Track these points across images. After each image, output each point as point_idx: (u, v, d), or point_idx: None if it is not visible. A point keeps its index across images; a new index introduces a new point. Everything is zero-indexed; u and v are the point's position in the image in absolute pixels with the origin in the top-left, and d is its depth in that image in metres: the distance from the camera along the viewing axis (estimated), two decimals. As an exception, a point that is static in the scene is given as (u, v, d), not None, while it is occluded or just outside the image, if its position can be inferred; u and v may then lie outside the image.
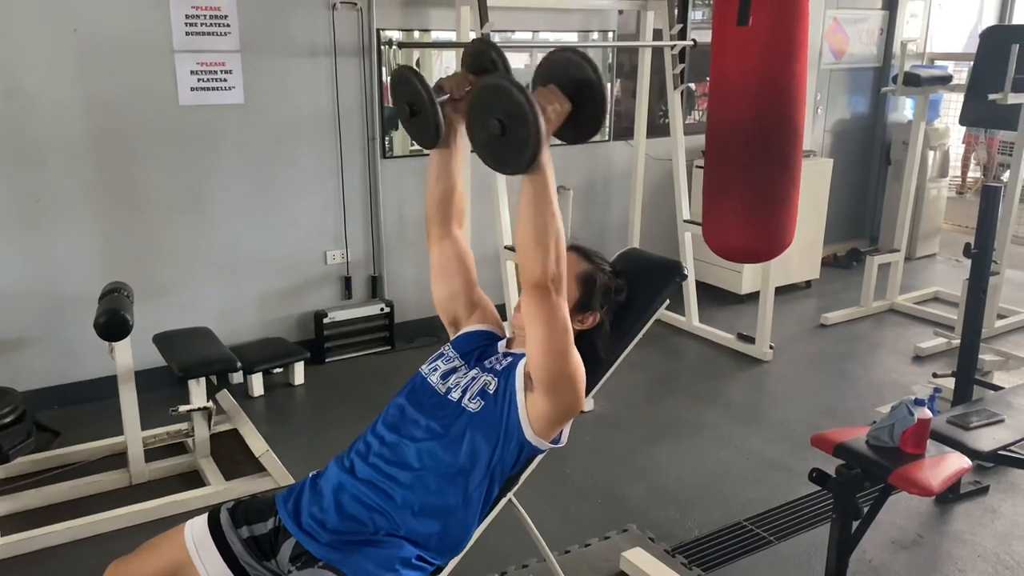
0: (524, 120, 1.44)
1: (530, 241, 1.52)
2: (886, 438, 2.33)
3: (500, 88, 1.47)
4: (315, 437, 3.61)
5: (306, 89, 4.11)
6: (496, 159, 1.53)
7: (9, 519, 2.89)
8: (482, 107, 1.50)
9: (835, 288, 5.68)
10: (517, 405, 1.68)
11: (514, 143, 1.47)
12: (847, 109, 6.33)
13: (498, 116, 1.46)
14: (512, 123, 1.45)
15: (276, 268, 4.25)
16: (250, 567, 1.68)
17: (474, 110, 1.52)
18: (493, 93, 1.49)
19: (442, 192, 1.88)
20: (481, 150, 1.54)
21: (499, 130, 1.46)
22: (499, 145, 1.49)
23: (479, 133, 1.51)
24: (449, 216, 1.90)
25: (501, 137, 1.47)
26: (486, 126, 1.48)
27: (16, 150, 3.51)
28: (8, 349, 3.63)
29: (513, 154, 1.48)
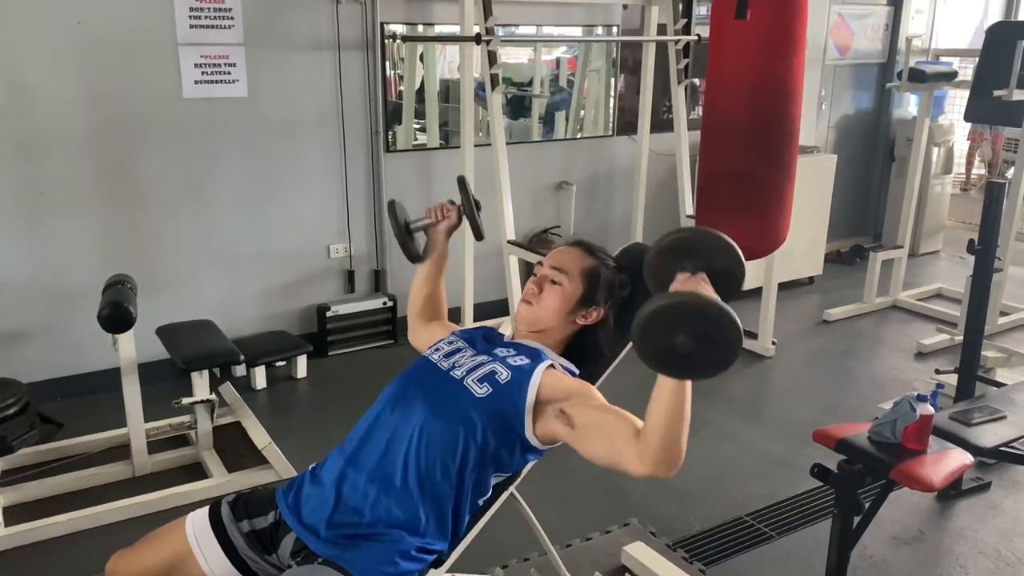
0: (727, 354, 1.39)
1: (661, 446, 1.50)
2: (888, 434, 2.33)
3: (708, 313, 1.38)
4: (317, 430, 3.62)
5: (310, 83, 4.11)
6: (666, 363, 1.43)
7: (13, 510, 2.90)
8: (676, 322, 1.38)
9: (838, 284, 5.67)
10: (525, 412, 1.66)
11: (701, 364, 1.40)
12: (851, 105, 6.32)
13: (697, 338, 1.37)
14: (712, 349, 1.38)
15: (279, 261, 4.25)
16: (251, 560, 1.68)
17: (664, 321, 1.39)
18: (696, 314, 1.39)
19: (425, 298, 2.09)
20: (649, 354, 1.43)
21: (694, 348, 1.37)
22: (678, 356, 1.40)
23: (658, 340, 1.39)
24: (431, 317, 2.10)
25: (690, 353, 1.38)
26: (671, 340, 1.38)
27: (19, 143, 3.52)
28: (12, 341, 3.64)
29: (690, 369, 1.42)
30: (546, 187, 5.02)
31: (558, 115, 5.12)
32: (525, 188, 4.82)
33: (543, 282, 1.88)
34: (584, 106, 5.21)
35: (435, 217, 2.04)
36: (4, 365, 3.46)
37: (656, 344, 1.40)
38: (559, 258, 1.91)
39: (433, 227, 2.06)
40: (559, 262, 1.89)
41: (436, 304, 2.11)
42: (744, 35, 2.78)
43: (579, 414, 1.63)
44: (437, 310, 2.11)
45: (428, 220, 2.05)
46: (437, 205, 2.05)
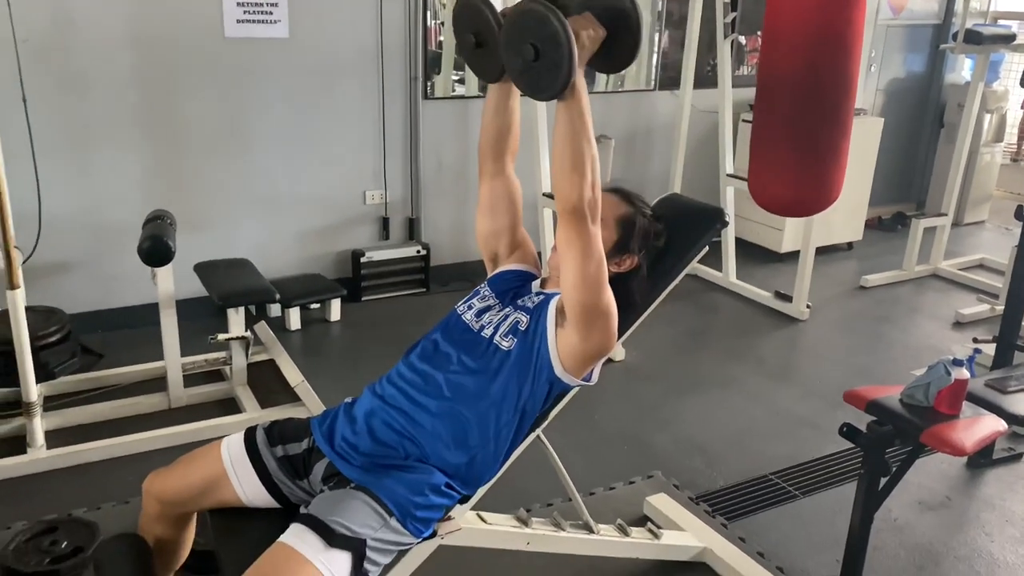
0: (557, 44, 1.44)
1: (566, 166, 1.51)
2: (921, 397, 2.30)
3: (533, 13, 1.47)
4: (349, 371, 3.68)
5: (350, 26, 4.09)
6: (531, 85, 1.53)
7: (54, 434, 2.99)
8: (517, 33, 1.50)
9: (877, 251, 5.58)
10: (548, 341, 1.68)
11: (548, 67, 1.47)
12: (902, 67, 6.14)
13: (532, 41, 1.46)
14: (546, 48, 1.46)
15: (316, 205, 4.28)
16: (283, 484, 1.73)
17: (509, 36, 1.52)
18: (527, 18, 1.49)
19: (499, 127, 1.86)
20: (517, 77, 1.55)
21: (533, 55, 1.47)
22: (534, 71, 1.49)
23: (514, 59, 1.51)
24: (504, 152, 1.89)
25: (535, 62, 1.48)
26: (521, 52, 1.48)
27: (64, 77, 3.55)
28: (56, 272, 3.72)
29: (548, 79, 1.48)
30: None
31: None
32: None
33: (575, 228, 1.87)
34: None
35: None
36: (49, 295, 3.54)
37: (514, 61, 1.51)
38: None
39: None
40: (593, 209, 1.88)
41: (512, 131, 1.88)
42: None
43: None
44: (512, 140, 1.89)
45: None
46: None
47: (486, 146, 1.88)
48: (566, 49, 1.43)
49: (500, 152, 1.88)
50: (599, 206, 1.56)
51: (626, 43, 1.60)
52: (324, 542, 1.47)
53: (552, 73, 1.47)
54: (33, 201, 3.31)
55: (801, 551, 2.59)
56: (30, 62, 3.35)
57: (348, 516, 1.52)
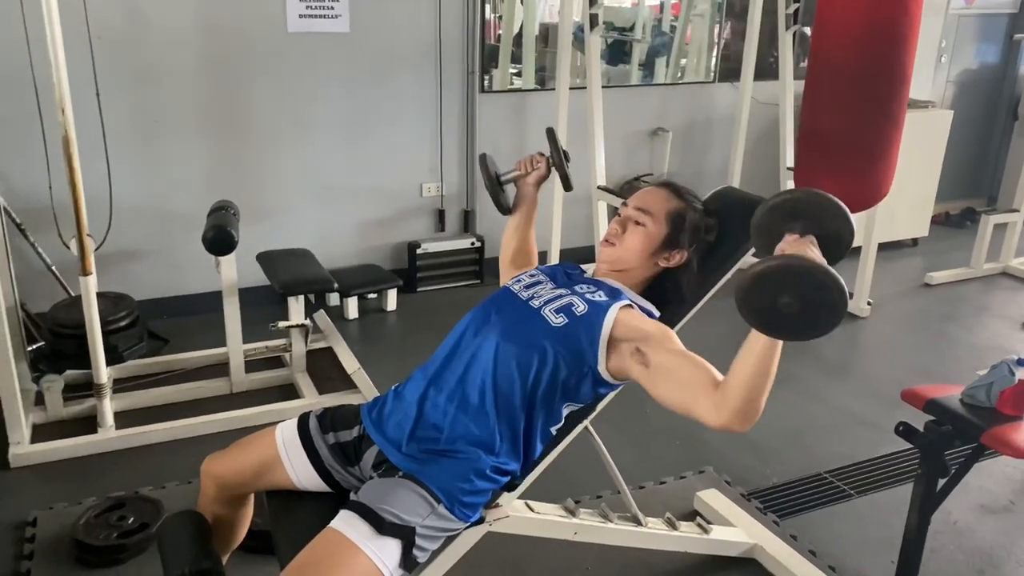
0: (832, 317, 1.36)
1: (741, 400, 1.49)
2: (982, 397, 2.24)
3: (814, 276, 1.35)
4: (403, 359, 3.73)
5: (409, 20, 4.14)
6: (767, 325, 1.42)
7: (123, 415, 3.12)
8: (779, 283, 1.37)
9: (944, 247, 5.43)
10: (599, 346, 1.68)
11: (799, 325, 1.39)
12: (974, 58, 5.95)
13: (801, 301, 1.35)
14: (816, 312, 1.36)
15: (374, 197, 4.35)
16: (334, 470, 1.77)
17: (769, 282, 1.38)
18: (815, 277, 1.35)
19: (516, 248, 2.15)
20: (755, 311, 1.41)
21: (798, 310, 1.36)
22: (781, 317, 1.38)
23: (765, 295, 1.38)
24: (520, 265, 2.13)
25: (795, 315, 1.37)
26: (781, 295, 1.36)
27: (136, 71, 3.68)
28: (126, 260, 3.86)
29: (790, 330, 1.40)
30: (641, 133, 4.94)
31: (658, 60, 5.00)
32: (619, 133, 4.76)
33: (627, 222, 1.87)
34: (687, 52, 5.07)
35: (524, 169, 2.08)
36: (119, 281, 3.68)
37: (759, 303, 1.39)
38: (644, 199, 1.90)
39: (523, 179, 2.10)
40: (644, 203, 1.89)
41: (527, 253, 2.15)
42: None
43: (655, 355, 1.64)
44: (528, 258, 2.15)
45: (517, 172, 2.09)
46: (527, 157, 2.08)
47: (506, 261, 2.16)
48: (838, 317, 1.36)
49: (519, 265, 2.12)
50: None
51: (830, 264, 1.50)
52: (374, 529, 1.51)
53: (797, 331, 1.39)
54: (105, 191, 3.44)
55: (855, 551, 2.55)
56: (104, 57, 3.48)
57: (397, 504, 1.55)
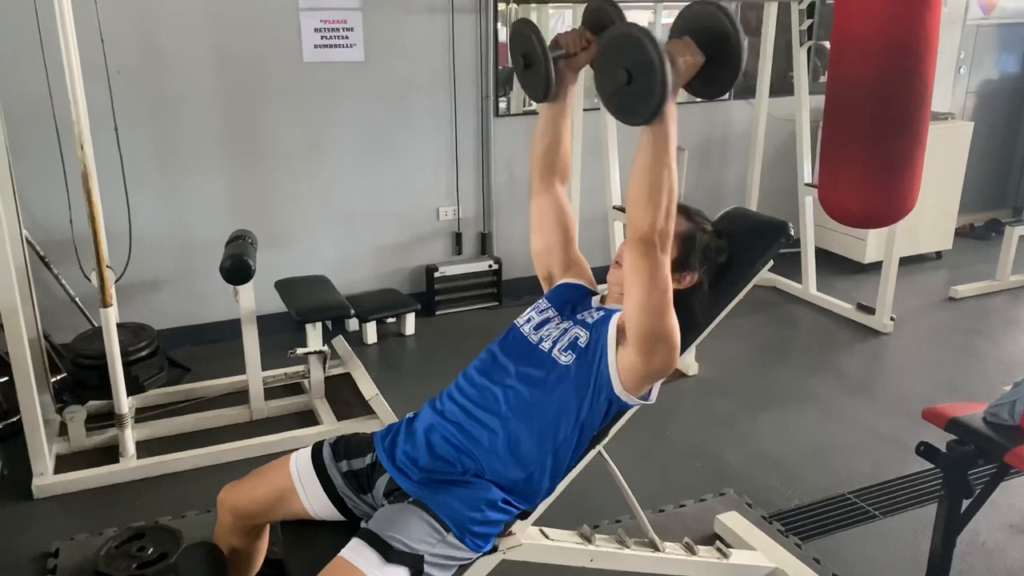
0: (651, 69, 1.40)
1: (642, 193, 1.49)
2: (1006, 415, 2.20)
3: (629, 37, 1.44)
4: (422, 384, 3.74)
5: (423, 47, 4.18)
6: (622, 109, 1.49)
7: (144, 444, 3.15)
8: (610, 56, 1.47)
9: (969, 260, 5.35)
10: (608, 359, 1.68)
11: (640, 93, 1.43)
12: (995, 69, 5.89)
13: (625, 65, 1.43)
14: (639, 72, 1.42)
15: (391, 222, 4.38)
16: (348, 498, 1.78)
17: (602, 59, 1.50)
18: (622, 42, 1.45)
19: (547, 146, 1.89)
20: (608, 100, 1.51)
21: (626, 79, 1.44)
22: (625, 95, 1.46)
23: (606, 83, 1.48)
24: (552, 171, 1.91)
25: (627, 87, 1.44)
26: (613, 75, 1.45)
27: (154, 103, 3.75)
28: (147, 290, 3.91)
29: (639, 104, 1.44)
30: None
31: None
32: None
33: (635, 244, 1.86)
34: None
35: (571, 47, 1.77)
36: (140, 311, 3.73)
37: (606, 86, 1.48)
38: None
39: (568, 59, 1.78)
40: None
41: (562, 154, 1.91)
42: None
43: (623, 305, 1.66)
44: (563, 162, 1.92)
45: (564, 51, 1.77)
46: (571, 33, 1.78)
47: (535, 163, 1.91)
48: (659, 76, 1.39)
49: (548, 170, 1.90)
50: (671, 236, 1.54)
51: (726, 69, 1.56)
52: (382, 557, 1.51)
53: (643, 99, 1.43)
54: (124, 223, 3.50)
55: (880, 573, 2.50)
56: (123, 91, 3.54)
57: (405, 532, 1.55)
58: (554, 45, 1.75)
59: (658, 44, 1.40)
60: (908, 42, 2.62)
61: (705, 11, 1.57)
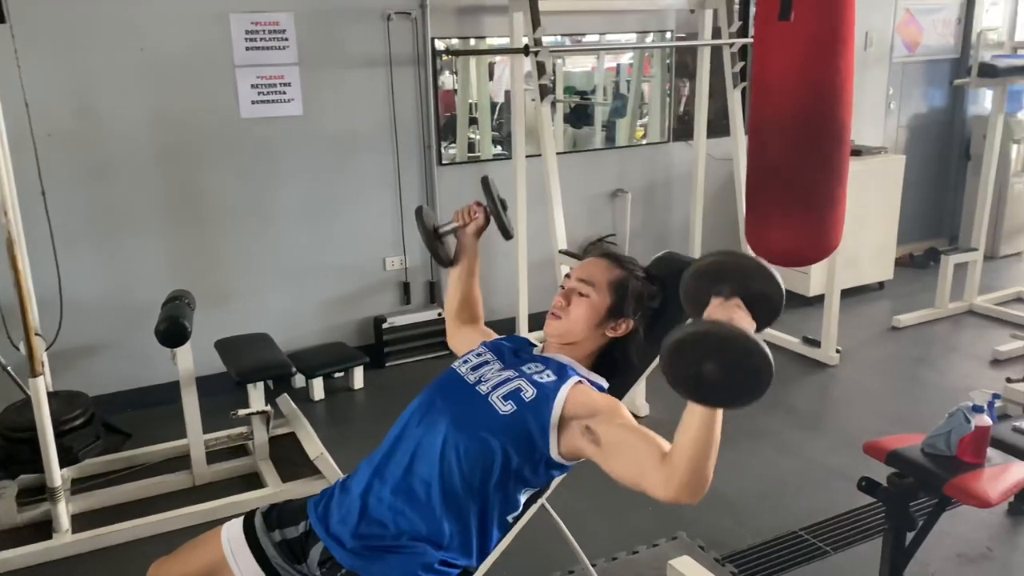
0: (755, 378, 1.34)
1: (687, 472, 1.43)
2: (942, 446, 2.24)
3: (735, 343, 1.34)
4: (372, 439, 3.59)
5: (363, 99, 4.20)
6: (695, 393, 1.39)
7: (82, 517, 3.04)
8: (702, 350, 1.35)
9: (910, 289, 5.47)
10: (550, 430, 1.65)
11: (727, 393, 1.37)
12: (923, 103, 6.09)
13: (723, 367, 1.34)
14: (738, 379, 1.35)
15: (336, 274, 4.34)
16: (282, 569, 1.72)
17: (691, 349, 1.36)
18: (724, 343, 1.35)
19: (460, 303, 2.11)
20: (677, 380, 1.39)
21: (719, 377, 1.34)
22: (704, 385, 1.37)
23: (685, 367, 1.36)
24: (467, 321, 2.12)
25: (715, 383, 1.35)
26: (699, 367, 1.35)
27: (89, 166, 3.69)
28: (84, 355, 3.81)
29: (720, 399, 1.38)
30: (602, 195, 4.99)
31: (620, 122, 5.09)
32: (581, 196, 4.81)
33: (571, 294, 1.86)
34: (645, 113, 5.17)
35: (462, 220, 2.07)
36: (75, 378, 3.62)
37: (683, 372, 1.37)
38: (586, 270, 1.90)
39: (461, 230, 2.08)
40: (586, 274, 1.88)
41: (471, 305, 2.12)
42: (788, 37, 2.71)
43: (605, 432, 1.61)
44: (472, 312, 2.12)
45: (455, 224, 2.07)
46: (463, 208, 2.07)
47: (451, 314, 2.13)
48: (762, 390, 1.34)
49: (463, 320, 2.11)
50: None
51: (760, 330, 1.53)
52: (314, 631, 1.46)
53: (732, 396, 1.36)
54: (54, 288, 3.40)
55: (833, 612, 2.49)
56: (54, 154, 3.48)
57: (338, 604, 1.51)
58: (455, 216, 2.06)
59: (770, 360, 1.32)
60: (823, 84, 2.70)
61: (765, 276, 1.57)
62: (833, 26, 2.63)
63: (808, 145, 2.63)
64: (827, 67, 2.59)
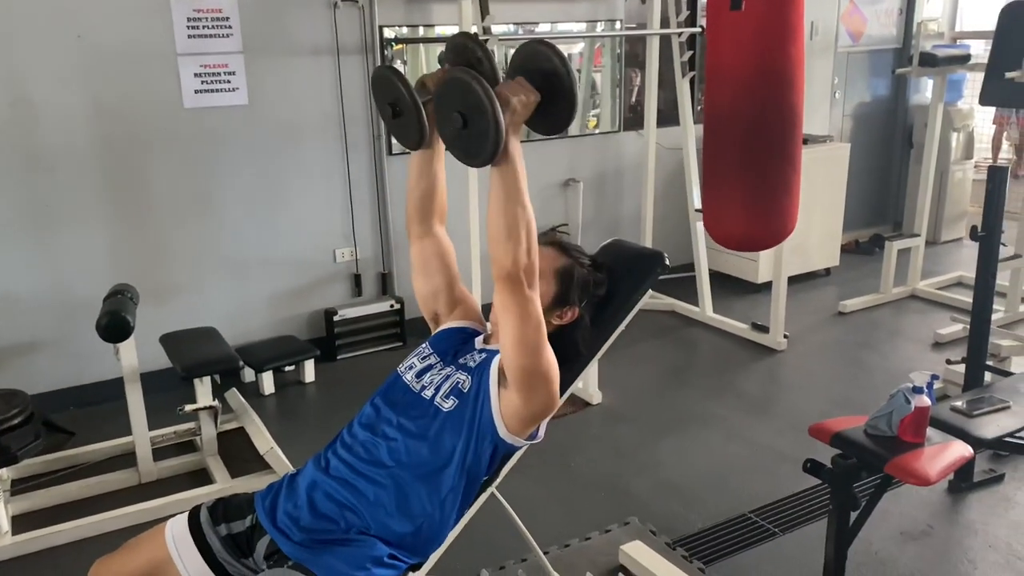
0: (483, 112, 1.45)
1: (500, 233, 1.51)
2: (884, 427, 2.28)
3: (459, 82, 1.49)
4: (324, 432, 3.57)
5: (310, 88, 4.13)
6: (463, 152, 1.55)
7: (22, 518, 2.95)
8: (445, 101, 1.53)
9: (856, 275, 5.58)
10: (491, 403, 1.65)
11: (477, 135, 1.49)
12: (867, 92, 6.21)
13: (459, 109, 1.49)
14: (473, 116, 1.48)
15: (286, 267, 4.28)
16: (228, 564, 1.69)
17: (439, 105, 1.55)
18: (452, 87, 1.51)
19: (424, 191, 1.86)
20: (450, 145, 1.59)
21: (461, 123, 1.49)
22: (464, 138, 1.52)
23: (446, 128, 1.55)
24: (431, 214, 1.88)
25: (464, 130, 1.50)
26: (450, 120, 1.51)
27: (24, 157, 3.58)
28: (22, 353, 3.70)
29: (477, 146, 1.50)
30: (553, 185, 5.00)
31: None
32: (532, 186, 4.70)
33: (516, 283, 1.86)
34: (597, 103, 5.18)
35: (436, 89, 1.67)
36: (13, 376, 3.52)
37: (444, 129, 1.55)
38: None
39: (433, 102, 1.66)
40: (533, 263, 1.87)
41: (438, 195, 1.87)
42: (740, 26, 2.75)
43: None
44: (439, 204, 1.88)
45: (430, 94, 1.65)
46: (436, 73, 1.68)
47: (412, 209, 1.88)
48: (491, 116, 1.44)
49: (427, 214, 1.88)
50: (536, 271, 1.55)
51: (562, 105, 1.59)
52: (260, 625, 1.44)
53: (481, 140, 1.48)
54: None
55: (781, 592, 2.54)
56: (-12, 146, 3.37)
57: (285, 597, 1.49)
58: (420, 87, 1.68)
59: (487, 86, 1.45)
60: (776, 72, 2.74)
61: (536, 51, 1.60)
62: (783, 15, 2.67)
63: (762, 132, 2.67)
64: (779, 55, 2.63)
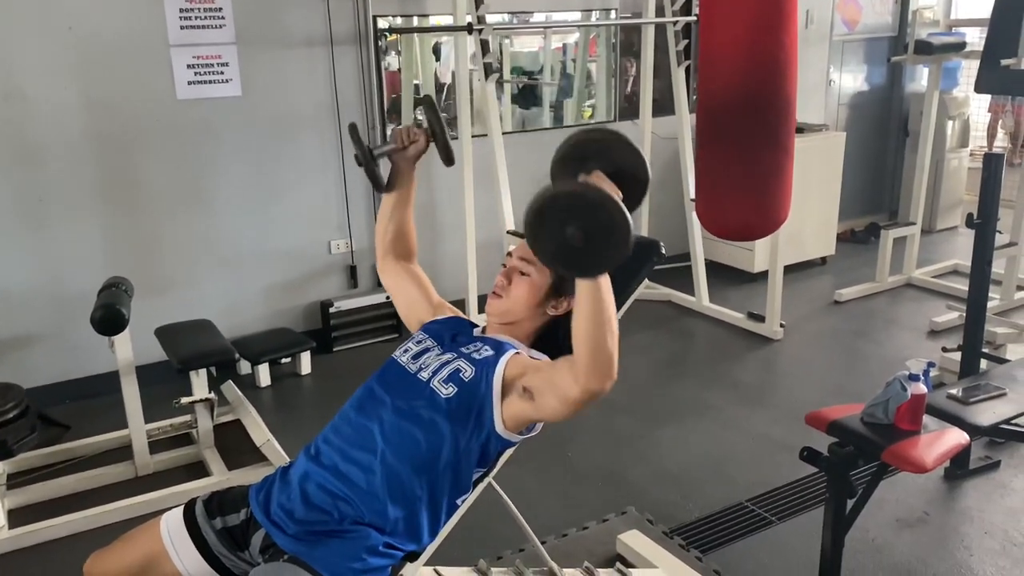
0: (613, 234, 1.37)
1: (586, 355, 1.44)
2: (881, 415, 2.28)
3: (585, 198, 1.38)
4: (321, 424, 3.54)
5: (304, 79, 4.11)
6: (567, 265, 1.45)
7: (18, 512, 2.95)
8: (559, 214, 1.39)
9: (851, 264, 5.58)
10: (492, 404, 1.64)
11: (594, 253, 1.40)
12: (863, 80, 6.20)
13: (581, 227, 1.37)
14: (597, 235, 1.38)
15: (281, 259, 4.27)
16: (224, 557, 1.69)
17: (548, 216, 1.41)
18: (576, 202, 1.39)
19: (394, 233, 1.95)
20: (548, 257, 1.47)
21: (580, 240, 1.38)
22: (576, 253, 1.40)
23: (550, 239, 1.42)
24: (400, 255, 1.97)
25: (581, 247, 1.39)
26: (562, 234, 1.39)
27: (17, 151, 3.56)
28: (17, 347, 3.69)
29: (591, 263, 1.41)
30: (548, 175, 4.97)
31: (567, 102, 5.09)
32: (528, 176, 4.73)
33: (512, 273, 1.85)
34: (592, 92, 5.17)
35: (401, 142, 1.87)
36: (8, 370, 3.51)
37: (547, 242, 1.42)
38: (527, 248, 1.87)
39: (399, 152, 1.88)
40: (527, 252, 1.85)
41: (405, 238, 1.96)
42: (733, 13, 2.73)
43: (534, 381, 1.60)
44: (406, 245, 1.97)
45: (393, 145, 1.87)
46: (403, 128, 1.89)
47: (383, 248, 1.96)
48: (624, 241, 1.36)
49: (396, 255, 1.95)
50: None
51: (631, 204, 1.55)
52: (257, 618, 1.43)
53: (599, 260, 1.40)
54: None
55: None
56: (-21, 139, 3.35)
57: (281, 590, 1.48)
58: (394, 137, 1.86)
59: (622, 208, 1.36)
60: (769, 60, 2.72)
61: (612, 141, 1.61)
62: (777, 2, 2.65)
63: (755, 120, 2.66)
64: (773, 43, 2.61)
